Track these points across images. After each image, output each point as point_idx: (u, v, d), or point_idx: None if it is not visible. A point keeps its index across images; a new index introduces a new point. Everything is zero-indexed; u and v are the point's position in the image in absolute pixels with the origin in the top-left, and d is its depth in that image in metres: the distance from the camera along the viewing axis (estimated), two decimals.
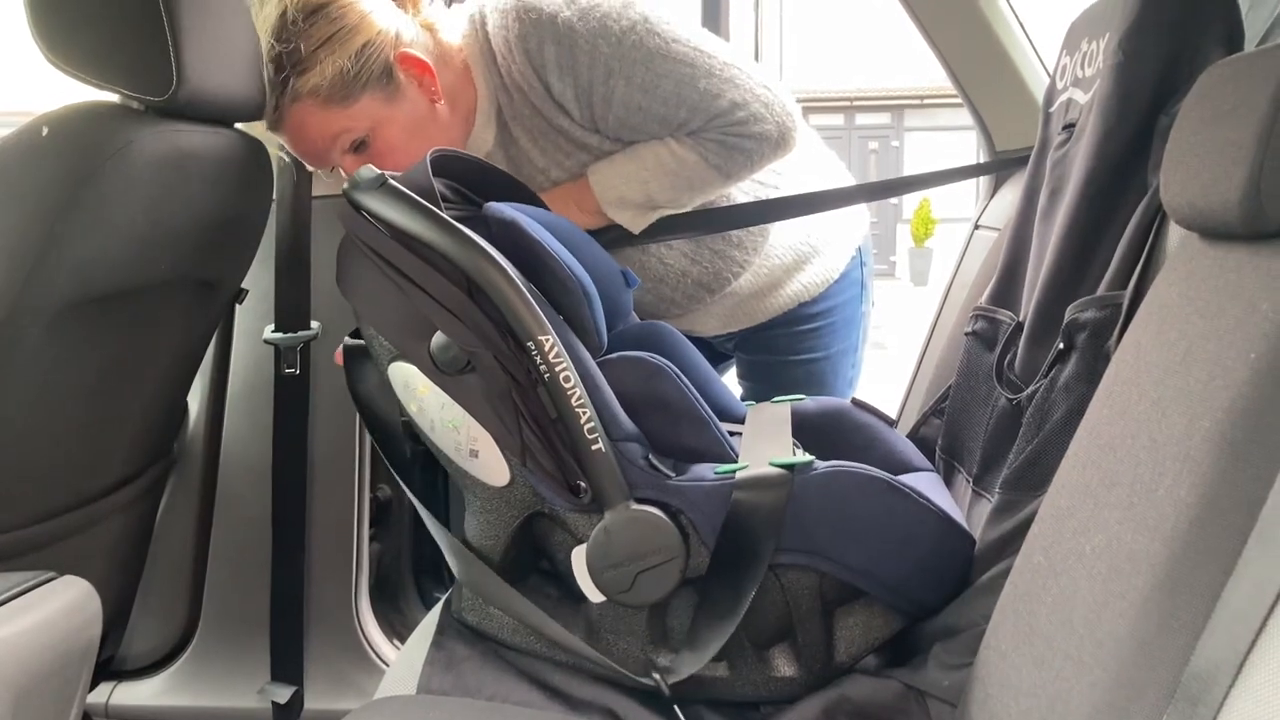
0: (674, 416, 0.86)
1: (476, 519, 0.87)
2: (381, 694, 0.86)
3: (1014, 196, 1.14)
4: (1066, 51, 1.02)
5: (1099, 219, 0.86)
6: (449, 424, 0.84)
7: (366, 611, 1.39)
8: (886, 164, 14.68)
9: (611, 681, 0.83)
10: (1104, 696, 0.52)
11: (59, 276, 0.88)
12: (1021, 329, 0.97)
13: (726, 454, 0.86)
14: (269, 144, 1.14)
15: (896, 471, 0.93)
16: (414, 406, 0.85)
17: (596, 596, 0.82)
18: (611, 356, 0.88)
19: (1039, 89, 1.37)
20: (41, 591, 0.82)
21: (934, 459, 1.11)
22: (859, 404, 1.05)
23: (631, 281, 1.04)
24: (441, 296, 0.81)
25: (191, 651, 1.38)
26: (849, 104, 14.88)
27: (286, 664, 1.34)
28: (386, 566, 1.49)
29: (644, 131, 1.14)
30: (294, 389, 1.31)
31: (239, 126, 1.08)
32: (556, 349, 0.79)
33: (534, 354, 0.79)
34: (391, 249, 0.82)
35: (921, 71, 12.16)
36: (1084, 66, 0.94)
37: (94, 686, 1.32)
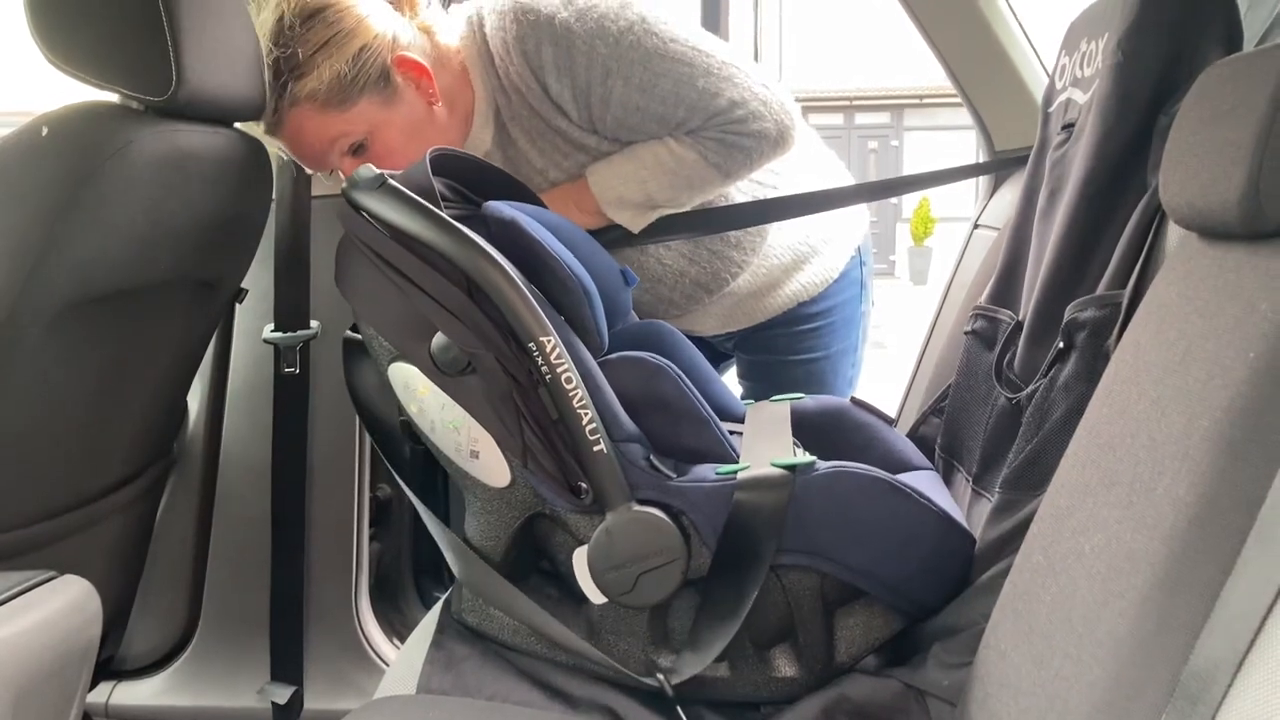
0: (674, 416, 0.86)
1: (477, 520, 0.87)
2: (381, 694, 0.86)
3: (1013, 196, 1.14)
4: (1065, 51, 1.02)
5: (1098, 219, 0.86)
6: (449, 425, 0.84)
7: (366, 611, 1.39)
8: (886, 164, 14.66)
9: (611, 681, 0.83)
10: (1103, 695, 0.52)
11: (59, 276, 0.88)
12: (1021, 328, 0.97)
13: (727, 454, 0.86)
14: (268, 144, 1.14)
15: (896, 470, 0.93)
16: (414, 407, 0.85)
17: (598, 598, 0.82)
18: (612, 357, 0.87)
19: (1038, 89, 1.37)
20: (41, 591, 0.82)
21: (933, 458, 1.11)
22: (859, 403, 1.05)
23: (630, 280, 1.04)
24: (441, 297, 0.81)
25: (191, 651, 1.38)
26: (848, 103, 14.86)
27: (286, 664, 1.34)
28: (386, 566, 1.48)
29: (642, 131, 1.14)
30: (294, 388, 1.31)
31: (239, 126, 1.08)
32: (558, 350, 0.79)
33: (535, 355, 0.79)
34: (391, 249, 0.82)
35: (921, 71, 12.14)
36: (1083, 66, 0.94)
37: (94, 686, 1.32)
